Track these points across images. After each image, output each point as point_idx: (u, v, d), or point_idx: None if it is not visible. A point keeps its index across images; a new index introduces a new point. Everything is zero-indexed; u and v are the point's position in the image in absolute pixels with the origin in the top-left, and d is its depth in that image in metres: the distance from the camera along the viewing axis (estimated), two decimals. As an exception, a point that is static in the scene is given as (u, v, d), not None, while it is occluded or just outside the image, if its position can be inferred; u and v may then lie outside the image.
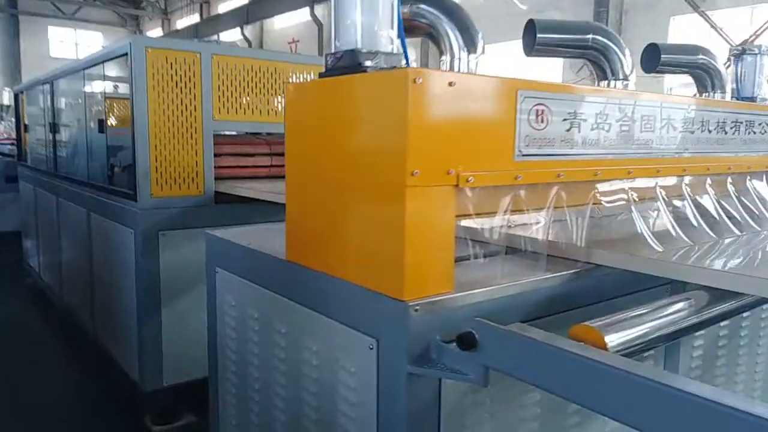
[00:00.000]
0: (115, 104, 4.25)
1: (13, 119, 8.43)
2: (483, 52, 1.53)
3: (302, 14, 17.99)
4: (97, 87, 3.71)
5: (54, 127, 4.45)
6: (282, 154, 3.64)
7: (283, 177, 3.71)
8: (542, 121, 1.35)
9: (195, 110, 3.03)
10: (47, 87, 4.64)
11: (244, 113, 3.21)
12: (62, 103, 4.45)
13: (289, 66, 3.32)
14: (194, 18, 23.73)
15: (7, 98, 14.37)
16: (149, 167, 2.93)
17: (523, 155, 1.32)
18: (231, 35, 19.67)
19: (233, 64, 3.14)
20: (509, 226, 1.51)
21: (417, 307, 1.16)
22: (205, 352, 2.38)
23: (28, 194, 5.68)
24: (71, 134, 4.30)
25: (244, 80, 3.19)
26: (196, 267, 3.13)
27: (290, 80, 3.34)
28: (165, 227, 3.00)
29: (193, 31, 21.10)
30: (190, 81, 3.00)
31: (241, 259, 1.75)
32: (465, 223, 1.42)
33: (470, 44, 1.50)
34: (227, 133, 3.40)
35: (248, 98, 3.21)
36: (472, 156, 1.23)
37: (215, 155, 3.15)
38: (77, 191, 3.97)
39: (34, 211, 5.47)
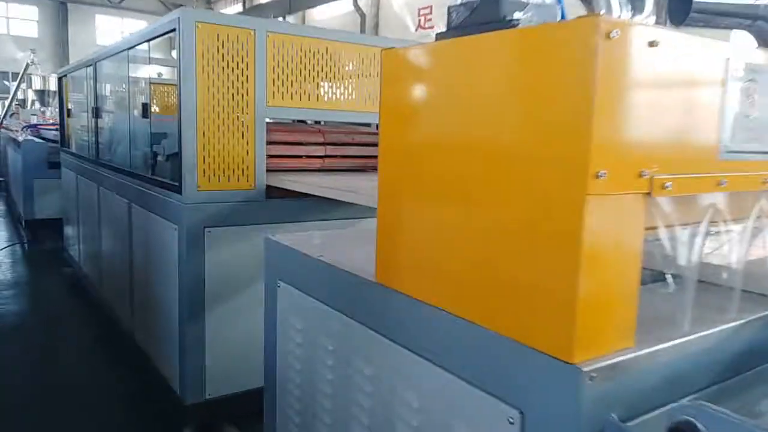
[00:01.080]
0: (160, 89, 3.98)
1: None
2: (653, 13, 1.13)
3: (345, 5, 17.68)
4: (141, 69, 3.45)
5: (96, 112, 4.22)
6: (336, 144, 3.31)
7: (337, 170, 3.39)
8: (753, 106, 0.96)
9: (247, 94, 2.71)
10: (90, 70, 4.42)
11: (300, 99, 2.88)
12: (105, 86, 4.22)
13: (354, 47, 2.98)
14: (237, 8, 23.73)
15: (55, 84, 14.55)
16: (196, 157, 2.62)
17: (729, 152, 0.93)
18: (273, 25, 19.47)
19: (289, 43, 2.81)
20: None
21: (593, 373, 0.79)
22: (251, 363, 2.04)
23: (70, 181, 5.52)
24: (114, 120, 4.06)
25: (301, 62, 2.85)
26: (245, 268, 2.83)
27: (352, 64, 3.00)
28: (211, 223, 2.70)
29: (236, 21, 21.01)
30: (242, 61, 2.68)
31: (311, 274, 1.40)
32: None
33: (636, 1, 1.11)
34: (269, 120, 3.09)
35: (304, 82, 2.87)
36: (669, 152, 0.85)
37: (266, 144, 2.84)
38: (118, 180, 3.73)
39: (75, 199, 5.30)
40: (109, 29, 26.25)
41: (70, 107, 5.76)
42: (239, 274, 2.79)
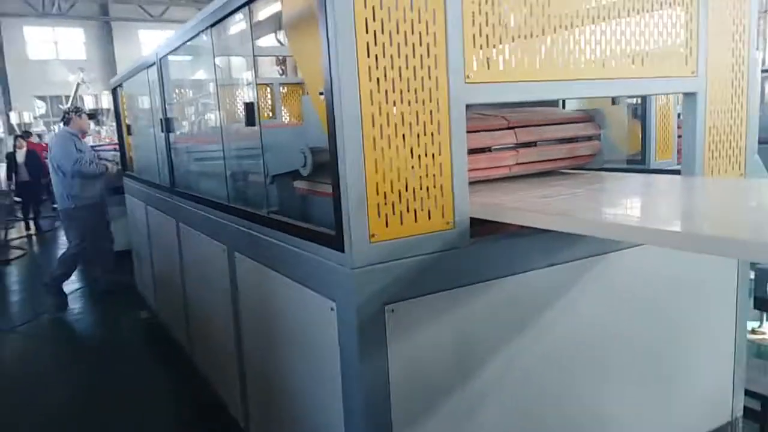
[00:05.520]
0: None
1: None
2: None
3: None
4: (233, 52, 2.36)
5: (167, 125, 3.19)
6: (526, 126, 1.95)
7: (537, 175, 2.14)
8: None
9: (435, 66, 1.56)
10: (153, 72, 3.40)
11: (524, 65, 1.70)
12: (179, 89, 3.18)
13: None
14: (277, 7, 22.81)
15: (108, 102, 14.01)
16: (366, 187, 1.49)
17: None
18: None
19: (493, -27, 1.63)
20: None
21: None
22: None
23: (138, 212, 4.57)
24: (194, 133, 3.02)
25: None
26: (451, 362, 1.70)
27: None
28: (395, 296, 1.57)
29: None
30: (425, 7, 1.53)
31: None
32: None
33: None
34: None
35: (521, 37, 1.69)
36: None
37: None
38: (209, 218, 2.67)
39: (146, 233, 4.34)
40: (153, 43, 25.99)
41: (128, 123, 4.82)
42: (444, 373, 1.65)
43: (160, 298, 4.28)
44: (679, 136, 4.29)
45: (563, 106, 2.69)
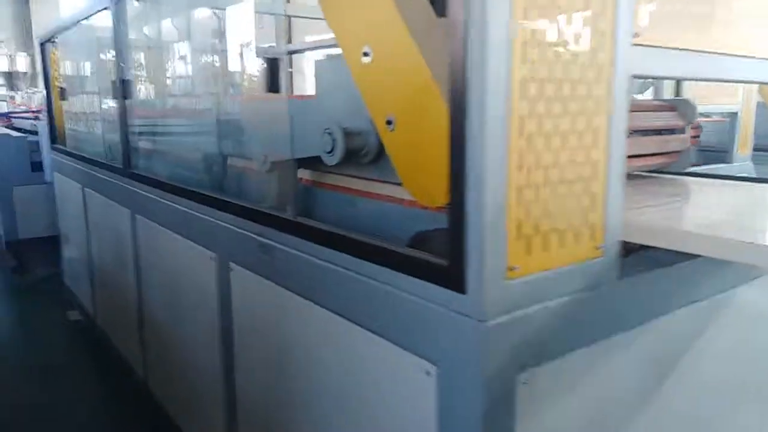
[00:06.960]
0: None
1: (36, 88, 6.52)
2: None
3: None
4: None
5: (124, 89, 2.48)
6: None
7: (645, 175, 1.61)
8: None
9: (602, 12, 1.03)
10: (110, 15, 2.66)
11: (690, 32, 1.21)
12: (146, 45, 2.48)
13: None
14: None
15: (25, 65, 12.51)
16: (505, 196, 0.95)
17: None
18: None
19: None
20: None
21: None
22: None
23: (71, 193, 3.78)
24: (167, 99, 2.34)
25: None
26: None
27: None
28: (530, 359, 1.04)
29: None
30: (601, -76, 1.00)
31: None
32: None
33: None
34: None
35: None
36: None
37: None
38: (189, 212, 2.02)
39: (83, 220, 3.56)
40: (75, 4, 23.78)
41: (62, 86, 3.97)
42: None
43: (99, 298, 3.53)
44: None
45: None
